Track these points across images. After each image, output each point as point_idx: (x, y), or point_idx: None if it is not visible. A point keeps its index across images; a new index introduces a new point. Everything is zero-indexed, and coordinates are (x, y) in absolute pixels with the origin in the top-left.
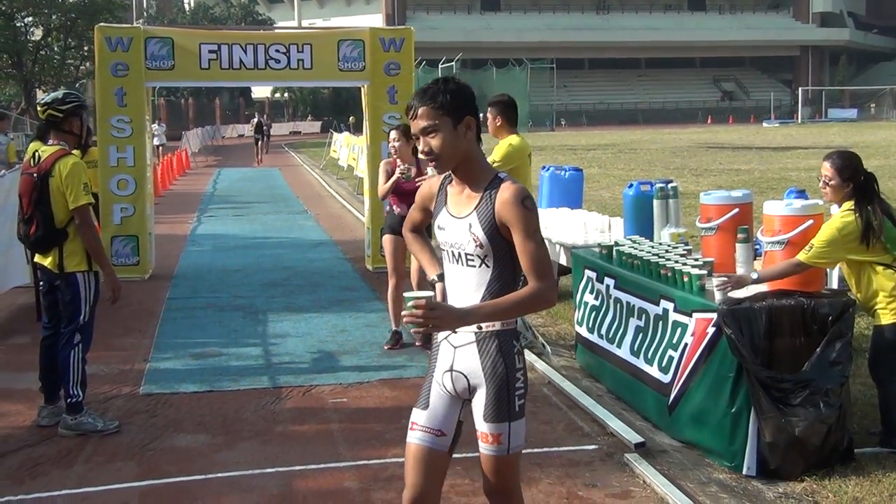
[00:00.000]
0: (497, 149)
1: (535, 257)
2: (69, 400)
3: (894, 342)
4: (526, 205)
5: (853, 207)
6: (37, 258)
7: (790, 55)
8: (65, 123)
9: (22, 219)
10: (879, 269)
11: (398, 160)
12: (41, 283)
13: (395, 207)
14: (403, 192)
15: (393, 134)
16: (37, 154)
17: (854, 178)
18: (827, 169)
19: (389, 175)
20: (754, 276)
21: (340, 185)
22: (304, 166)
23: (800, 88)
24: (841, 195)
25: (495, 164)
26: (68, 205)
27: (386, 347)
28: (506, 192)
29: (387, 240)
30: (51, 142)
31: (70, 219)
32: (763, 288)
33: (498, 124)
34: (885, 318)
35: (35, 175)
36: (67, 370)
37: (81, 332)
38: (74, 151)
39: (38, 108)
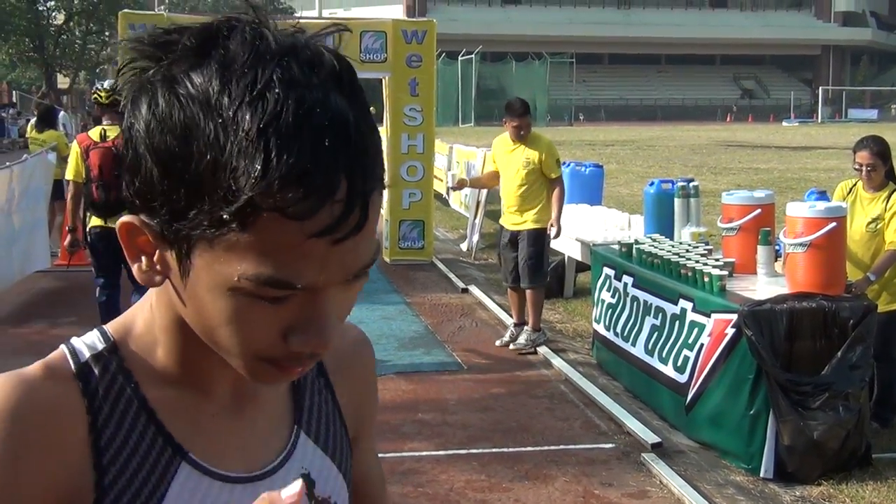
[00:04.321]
0: (546, 154)
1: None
2: None
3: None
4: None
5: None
6: (109, 223)
7: (811, 54)
8: (119, 106)
9: (101, 185)
10: None
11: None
12: (98, 245)
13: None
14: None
15: None
16: (104, 132)
17: (890, 161)
18: (868, 158)
19: None
20: (872, 277)
21: None
22: None
23: (820, 88)
24: (880, 179)
25: (556, 173)
26: None
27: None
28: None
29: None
30: (108, 121)
31: None
32: (784, 290)
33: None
34: (883, 306)
35: (114, 148)
36: None
37: None
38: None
39: (102, 93)
